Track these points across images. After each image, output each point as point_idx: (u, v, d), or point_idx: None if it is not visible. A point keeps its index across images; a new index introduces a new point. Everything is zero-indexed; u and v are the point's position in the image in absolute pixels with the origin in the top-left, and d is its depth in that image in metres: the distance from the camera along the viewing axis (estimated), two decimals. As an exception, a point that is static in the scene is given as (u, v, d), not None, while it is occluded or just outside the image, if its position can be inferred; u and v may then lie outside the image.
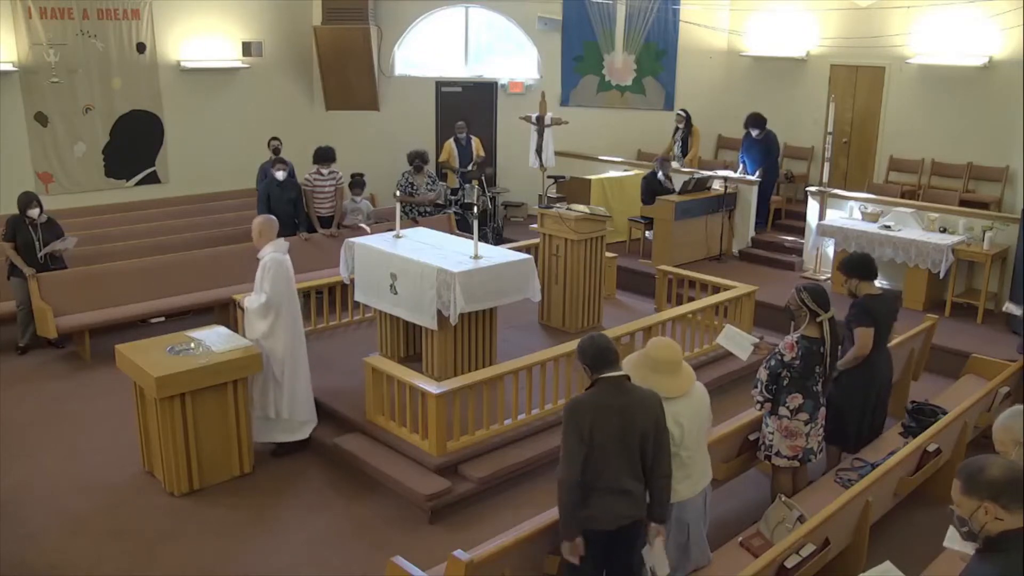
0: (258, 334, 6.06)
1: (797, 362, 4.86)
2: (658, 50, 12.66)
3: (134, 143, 11.59)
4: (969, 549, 2.90)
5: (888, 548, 4.86)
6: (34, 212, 8.05)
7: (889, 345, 6.38)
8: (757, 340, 5.38)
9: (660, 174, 10.50)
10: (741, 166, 11.24)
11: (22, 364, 8.06)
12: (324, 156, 9.75)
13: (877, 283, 5.79)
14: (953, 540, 3.31)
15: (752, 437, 5.33)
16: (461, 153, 11.77)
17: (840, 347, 5.10)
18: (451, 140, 11.84)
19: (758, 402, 5.08)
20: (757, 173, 10.87)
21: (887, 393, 5.59)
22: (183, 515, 5.53)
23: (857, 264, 5.57)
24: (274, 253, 6.06)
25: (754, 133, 10.88)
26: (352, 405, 6.50)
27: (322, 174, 9.70)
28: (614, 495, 3.75)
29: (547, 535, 4.06)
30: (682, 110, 11.70)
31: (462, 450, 5.87)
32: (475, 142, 11.91)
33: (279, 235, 6.27)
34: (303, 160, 10.87)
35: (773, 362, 4.96)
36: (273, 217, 6.34)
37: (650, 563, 3.82)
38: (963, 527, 2.69)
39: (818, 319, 4.90)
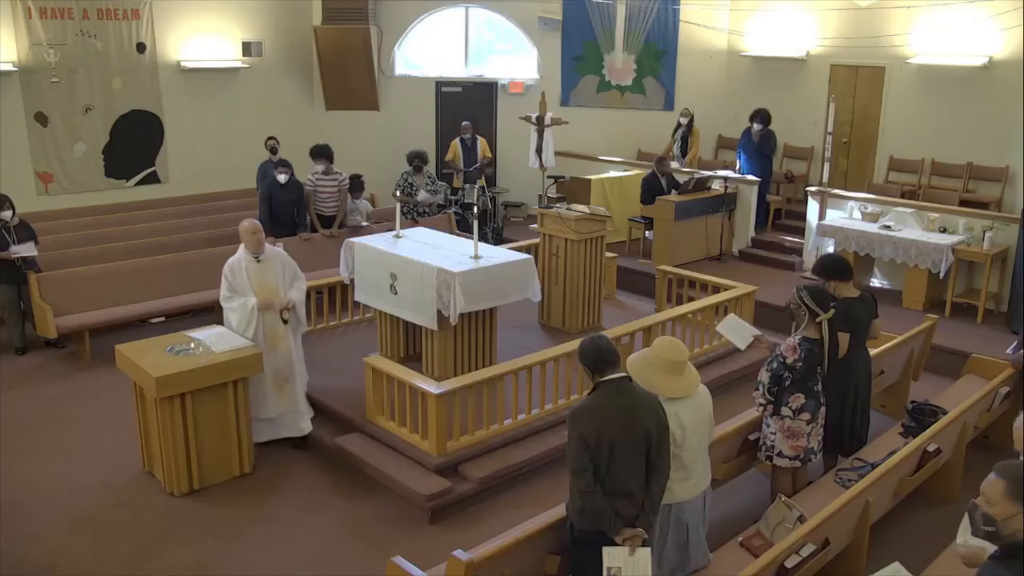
0: (305, 327, 6.27)
1: (800, 364, 4.85)
2: (658, 50, 12.66)
3: (134, 143, 11.59)
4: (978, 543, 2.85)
5: (888, 548, 4.86)
6: (6, 215, 7.99)
7: (889, 345, 6.42)
8: (759, 333, 5.37)
9: (659, 174, 10.52)
10: (738, 163, 11.25)
11: (22, 364, 8.06)
12: (320, 153, 9.72)
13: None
14: (965, 533, 3.23)
15: (752, 437, 5.33)
16: (466, 153, 11.78)
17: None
18: (457, 140, 11.86)
19: (760, 405, 5.07)
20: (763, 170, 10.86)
21: (866, 393, 5.57)
22: (183, 515, 5.53)
23: (833, 266, 5.54)
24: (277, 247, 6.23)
25: (756, 127, 10.87)
26: (352, 405, 6.49)
27: (320, 172, 9.69)
28: (617, 497, 3.75)
29: (547, 535, 4.06)
30: (687, 109, 11.70)
31: (462, 450, 5.87)
32: (481, 143, 11.91)
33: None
34: (303, 160, 10.87)
35: (775, 364, 4.95)
36: (252, 219, 6.34)
37: (612, 564, 3.69)
38: (988, 526, 2.65)
39: (817, 319, 4.90)
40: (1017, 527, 2.60)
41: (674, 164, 11.28)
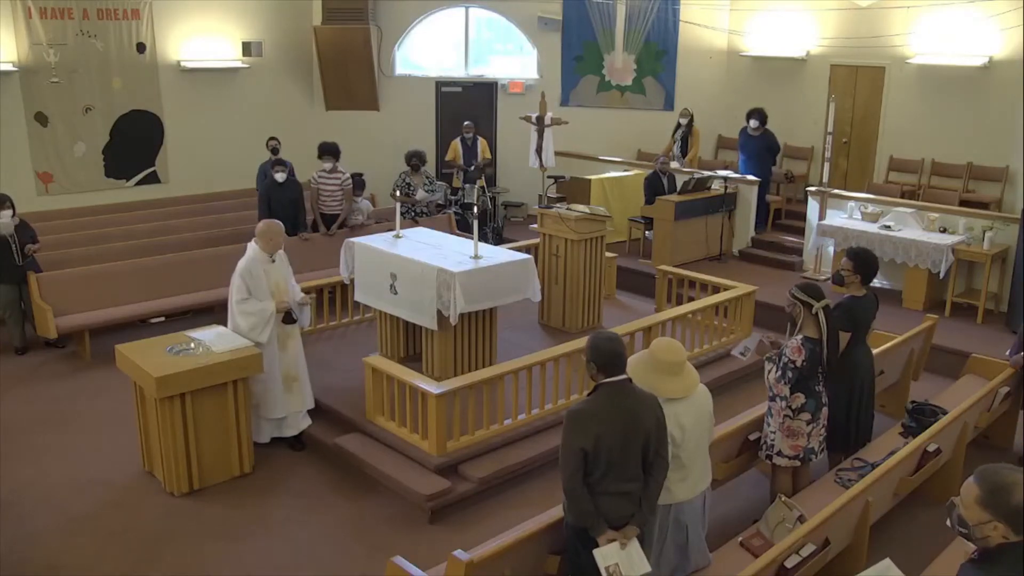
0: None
1: (805, 364, 4.85)
2: (658, 50, 12.66)
3: (134, 143, 11.58)
4: None
5: (888, 548, 4.86)
6: (5, 214, 7.97)
7: (889, 345, 6.42)
8: (760, 339, 5.33)
9: (660, 174, 10.54)
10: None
11: (22, 364, 8.06)
12: (326, 151, 9.74)
13: (876, 282, 5.77)
14: None
15: (752, 437, 5.33)
16: (466, 153, 11.78)
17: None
18: (458, 139, 11.86)
19: (778, 394, 5.01)
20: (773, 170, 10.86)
21: (871, 390, 5.58)
22: (183, 515, 5.53)
23: (868, 263, 5.50)
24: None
25: (752, 124, 10.85)
26: (352, 405, 6.50)
27: (325, 171, 9.70)
28: (617, 497, 3.75)
29: (547, 535, 4.06)
30: (687, 109, 11.70)
31: (462, 450, 5.87)
32: (481, 143, 11.90)
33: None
34: (303, 160, 10.87)
35: (782, 365, 4.92)
36: (273, 220, 6.34)
37: (608, 563, 3.68)
38: (962, 527, 2.66)
39: (813, 310, 4.89)
40: (988, 533, 2.59)
41: (674, 164, 11.27)
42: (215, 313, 8.78)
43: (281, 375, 6.16)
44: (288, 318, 6.13)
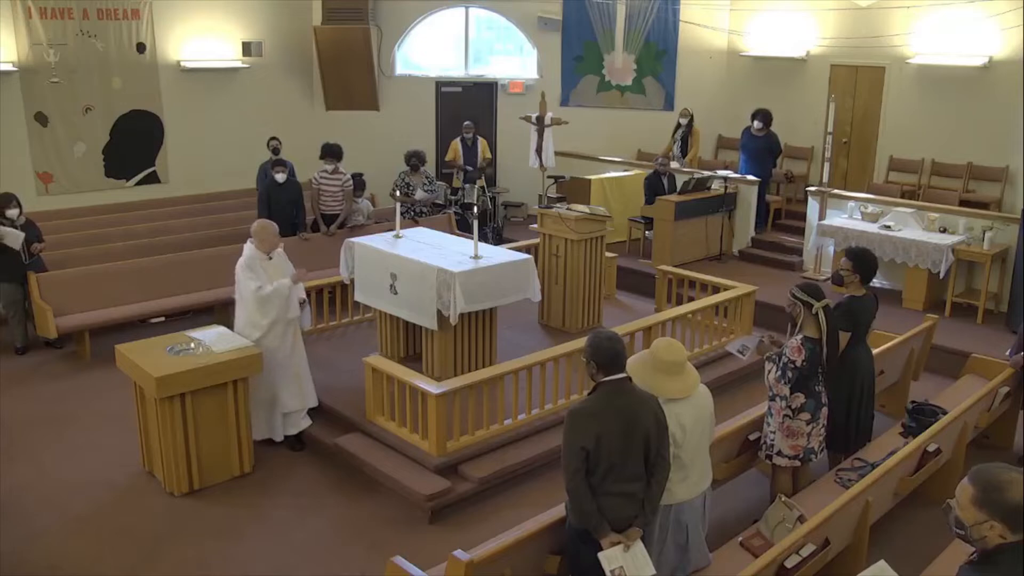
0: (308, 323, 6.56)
1: (805, 364, 4.85)
2: (658, 50, 12.65)
3: (134, 143, 11.58)
4: None
5: (888, 548, 4.86)
6: (13, 213, 7.99)
7: (889, 345, 6.42)
8: (760, 338, 5.33)
9: (660, 174, 10.54)
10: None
11: (22, 364, 8.06)
12: (328, 152, 9.75)
13: (876, 282, 5.77)
14: None
15: (752, 437, 5.33)
16: (466, 153, 11.78)
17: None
18: (458, 139, 11.87)
19: (778, 394, 5.02)
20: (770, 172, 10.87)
21: (871, 389, 5.58)
22: (183, 515, 5.53)
23: (867, 263, 5.51)
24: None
25: (756, 125, 10.84)
26: (352, 405, 6.50)
27: (327, 171, 9.70)
28: (619, 498, 3.75)
29: (547, 535, 4.07)
30: (687, 109, 11.70)
31: (462, 450, 5.87)
32: (482, 144, 11.90)
33: (280, 235, 6.35)
34: (302, 160, 10.86)
35: (782, 364, 4.92)
36: (268, 221, 6.36)
37: (613, 566, 3.69)
38: (959, 529, 2.65)
39: (813, 310, 4.89)
40: (985, 533, 2.57)
41: (674, 164, 11.27)
42: (215, 313, 8.79)
43: (292, 370, 6.20)
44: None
